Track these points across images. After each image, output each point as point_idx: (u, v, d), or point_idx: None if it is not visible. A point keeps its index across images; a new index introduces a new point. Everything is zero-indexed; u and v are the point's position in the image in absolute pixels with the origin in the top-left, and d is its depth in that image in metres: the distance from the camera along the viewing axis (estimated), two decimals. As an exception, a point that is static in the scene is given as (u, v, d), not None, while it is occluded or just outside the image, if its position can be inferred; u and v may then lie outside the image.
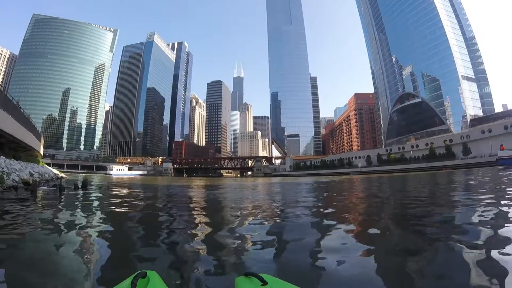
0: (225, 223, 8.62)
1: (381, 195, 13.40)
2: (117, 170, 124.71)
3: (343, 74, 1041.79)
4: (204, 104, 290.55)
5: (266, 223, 7.96)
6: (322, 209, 9.54)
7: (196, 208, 12.10)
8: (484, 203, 8.88)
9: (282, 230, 6.78)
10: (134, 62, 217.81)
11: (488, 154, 66.13)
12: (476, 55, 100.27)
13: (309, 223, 7.21)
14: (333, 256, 4.26)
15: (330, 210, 9.44)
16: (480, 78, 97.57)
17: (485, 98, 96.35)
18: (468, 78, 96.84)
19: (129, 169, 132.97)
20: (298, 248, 5.07)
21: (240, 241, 5.88)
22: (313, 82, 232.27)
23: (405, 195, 13.35)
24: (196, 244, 5.77)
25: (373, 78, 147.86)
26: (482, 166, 56.83)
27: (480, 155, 68.81)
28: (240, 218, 9.04)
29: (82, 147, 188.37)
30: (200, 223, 8.41)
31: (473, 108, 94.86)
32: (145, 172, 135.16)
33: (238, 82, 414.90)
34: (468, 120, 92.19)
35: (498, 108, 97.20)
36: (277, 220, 8.41)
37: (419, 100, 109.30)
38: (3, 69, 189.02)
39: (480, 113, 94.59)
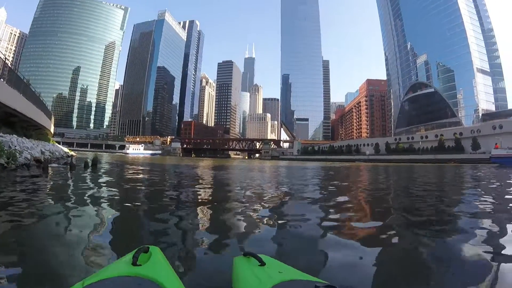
0: (230, 203, 8.90)
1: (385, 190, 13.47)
2: (133, 149, 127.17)
3: (356, 59, 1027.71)
4: (214, 84, 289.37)
5: (269, 205, 8.18)
6: (325, 202, 9.72)
7: (203, 188, 12.43)
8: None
9: (284, 214, 6.97)
10: (144, 40, 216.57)
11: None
12: (493, 48, 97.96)
13: (309, 213, 7.38)
14: (330, 242, 4.47)
15: (333, 202, 9.61)
16: (495, 72, 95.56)
17: (499, 93, 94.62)
18: (483, 71, 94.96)
19: (144, 149, 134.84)
20: (298, 233, 5.26)
21: (243, 222, 6.12)
22: (325, 66, 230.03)
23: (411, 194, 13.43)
24: (200, 223, 6.04)
25: (386, 65, 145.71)
26: (487, 163, 56.57)
27: (489, 151, 68.37)
28: (245, 199, 9.29)
29: (91, 125, 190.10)
30: (205, 203, 8.65)
31: (486, 102, 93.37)
32: (159, 152, 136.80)
33: (249, 63, 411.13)
34: (480, 114, 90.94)
35: (511, 105, 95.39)
36: (280, 204, 8.63)
37: (432, 90, 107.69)
38: (14, 48, 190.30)
39: (492, 108, 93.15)
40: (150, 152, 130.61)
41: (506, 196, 10.38)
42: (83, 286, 1.54)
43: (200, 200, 8.91)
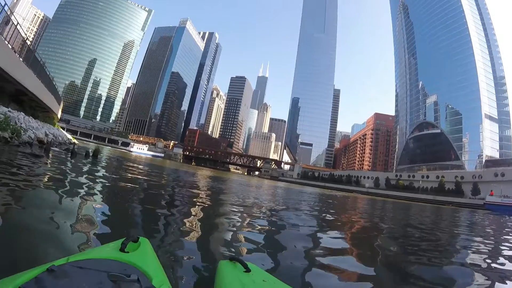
0: (223, 210, 8.93)
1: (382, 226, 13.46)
2: (137, 148, 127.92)
3: (367, 91, 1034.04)
4: (224, 97, 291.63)
5: (264, 218, 8.21)
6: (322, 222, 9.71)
7: (201, 193, 12.49)
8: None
9: (276, 231, 6.97)
10: (163, 44, 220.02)
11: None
12: (503, 96, 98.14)
13: (304, 232, 7.39)
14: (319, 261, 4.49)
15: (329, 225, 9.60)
16: (503, 119, 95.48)
17: (504, 141, 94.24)
18: (490, 118, 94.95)
19: (148, 149, 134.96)
20: (289, 248, 5.29)
21: (233, 229, 6.14)
22: (336, 94, 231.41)
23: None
24: (192, 225, 6.07)
25: (396, 101, 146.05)
26: (481, 209, 56.54)
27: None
28: (239, 210, 9.31)
29: (98, 118, 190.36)
30: (200, 207, 8.68)
31: (490, 149, 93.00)
32: (162, 154, 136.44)
33: (262, 81, 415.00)
34: (483, 160, 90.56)
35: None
36: (273, 220, 8.63)
37: (438, 131, 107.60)
38: (35, 29, 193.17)
39: (496, 155, 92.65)
40: (153, 153, 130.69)
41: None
42: (67, 261, 1.54)
43: (195, 204, 8.98)
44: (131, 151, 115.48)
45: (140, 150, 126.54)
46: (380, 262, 5.20)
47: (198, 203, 9.24)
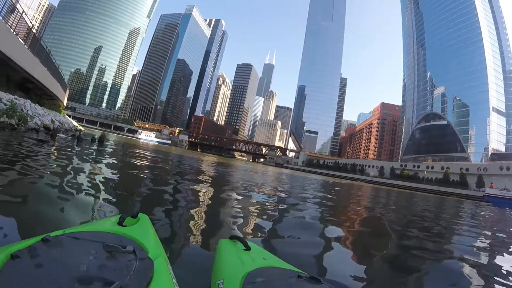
0: (228, 193, 9.16)
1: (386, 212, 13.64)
2: (145, 135, 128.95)
3: (374, 81, 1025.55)
4: (230, 84, 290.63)
5: (267, 202, 8.42)
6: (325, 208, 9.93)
7: (205, 177, 12.79)
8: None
9: (279, 214, 7.17)
10: (169, 31, 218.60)
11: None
12: (511, 90, 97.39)
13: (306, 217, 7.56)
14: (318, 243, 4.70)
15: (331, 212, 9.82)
16: (510, 113, 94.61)
17: (511, 135, 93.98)
18: (498, 111, 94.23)
19: (155, 137, 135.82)
20: (291, 230, 5.48)
21: (236, 212, 6.37)
22: (342, 83, 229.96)
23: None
24: (195, 205, 6.33)
25: (403, 91, 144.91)
26: (481, 200, 56.90)
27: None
28: (243, 194, 9.54)
29: (104, 105, 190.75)
30: (204, 190, 8.93)
31: (497, 142, 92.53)
32: (169, 141, 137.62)
33: (268, 69, 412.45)
34: (489, 153, 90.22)
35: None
36: (277, 203, 8.86)
37: (445, 122, 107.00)
38: (40, 18, 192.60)
39: (503, 148, 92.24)
40: (161, 140, 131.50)
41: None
42: (64, 233, 1.54)
43: (198, 187, 9.21)
44: (139, 138, 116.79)
45: (147, 137, 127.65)
46: (379, 248, 5.32)
47: (202, 186, 9.46)
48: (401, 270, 4.21)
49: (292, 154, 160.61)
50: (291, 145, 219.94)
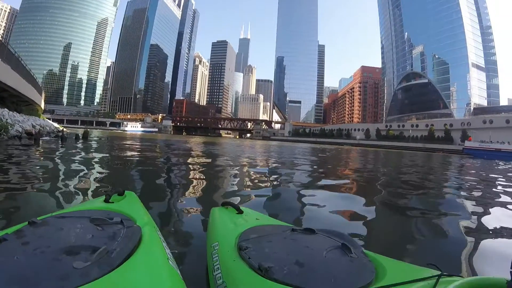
0: (217, 166, 9.16)
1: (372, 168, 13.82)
2: (131, 126, 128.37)
3: (352, 45, 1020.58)
4: (207, 64, 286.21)
5: (258, 171, 8.45)
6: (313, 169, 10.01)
7: (193, 156, 12.81)
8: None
9: (271, 180, 7.19)
10: (138, 17, 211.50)
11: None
12: (490, 45, 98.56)
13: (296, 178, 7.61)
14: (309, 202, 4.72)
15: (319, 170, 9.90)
16: (490, 68, 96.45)
17: (492, 89, 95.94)
18: (478, 67, 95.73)
19: (141, 126, 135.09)
20: (283, 193, 5.52)
21: (227, 182, 6.35)
22: (321, 50, 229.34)
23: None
24: (185, 180, 6.30)
25: (382, 53, 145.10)
26: (460, 153, 59.71)
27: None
28: (233, 165, 9.55)
29: (82, 102, 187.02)
30: (194, 165, 8.90)
31: (478, 97, 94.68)
32: (156, 129, 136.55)
33: (244, 43, 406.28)
34: (472, 108, 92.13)
35: (503, 101, 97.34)
36: (267, 171, 8.89)
37: (426, 81, 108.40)
38: (4, 24, 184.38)
39: (484, 103, 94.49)
40: (147, 129, 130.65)
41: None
42: (51, 215, 1.53)
43: (189, 161, 9.23)
44: (126, 130, 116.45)
45: (134, 128, 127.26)
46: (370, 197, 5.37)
47: (191, 163, 9.51)
48: (393, 209, 4.36)
49: (277, 126, 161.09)
50: (276, 117, 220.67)
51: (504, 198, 6.48)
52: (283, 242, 1.62)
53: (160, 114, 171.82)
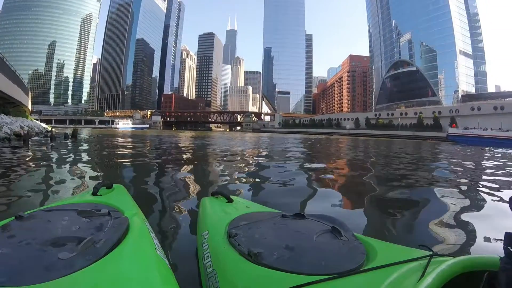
0: (207, 158, 9.16)
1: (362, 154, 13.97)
2: (123, 124, 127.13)
3: (340, 35, 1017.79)
4: (195, 57, 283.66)
5: (248, 162, 8.45)
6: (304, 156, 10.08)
7: (183, 150, 12.83)
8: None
9: (261, 169, 7.22)
10: (122, 12, 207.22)
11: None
12: (477, 32, 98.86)
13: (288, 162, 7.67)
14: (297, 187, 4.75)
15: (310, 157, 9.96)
16: (477, 55, 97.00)
17: (480, 76, 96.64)
18: (465, 54, 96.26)
19: (133, 123, 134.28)
20: (273, 181, 5.54)
21: (218, 173, 6.34)
22: (308, 40, 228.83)
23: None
24: (176, 171, 6.31)
25: (370, 41, 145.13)
26: (445, 140, 60.22)
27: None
28: (223, 157, 9.56)
29: (69, 101, 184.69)
30: (185, 157, 8.91)
31: (466, 84, 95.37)
32: (147, 125, 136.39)
33: (231, 35, 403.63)
34: (460, 95, 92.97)
35: (491, 88, 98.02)
36: (257, 161, 8.90)
37: (414, 68, 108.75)
38: None
39: (472, 90, 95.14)
40: (138, 126, 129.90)
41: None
42: (39, 209, 1.54)
43: (178, 155, 9.24)
44: (118, 128, 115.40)
45: (125, 125, 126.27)
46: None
47: (181, 157, 9.51)
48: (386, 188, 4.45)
49: (267, 118, 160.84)
50: (265, 108, 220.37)
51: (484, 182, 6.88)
52: (273, 228, 1.61)
53: (149, 110, 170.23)
